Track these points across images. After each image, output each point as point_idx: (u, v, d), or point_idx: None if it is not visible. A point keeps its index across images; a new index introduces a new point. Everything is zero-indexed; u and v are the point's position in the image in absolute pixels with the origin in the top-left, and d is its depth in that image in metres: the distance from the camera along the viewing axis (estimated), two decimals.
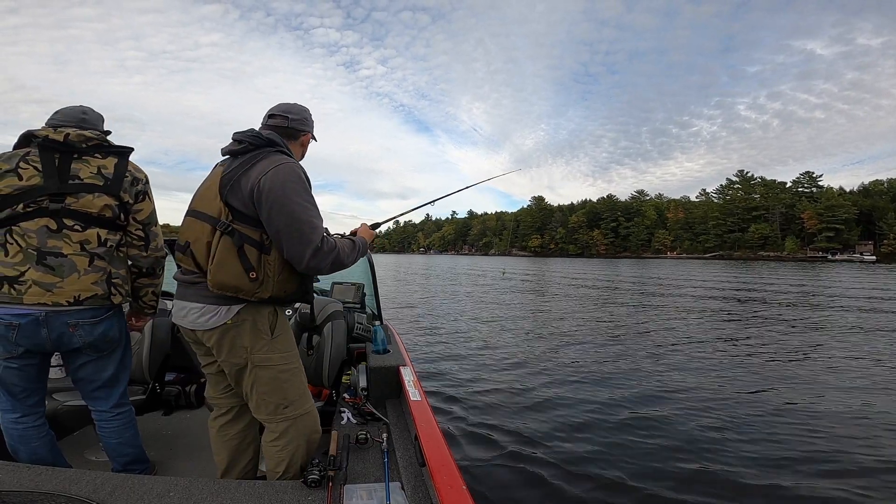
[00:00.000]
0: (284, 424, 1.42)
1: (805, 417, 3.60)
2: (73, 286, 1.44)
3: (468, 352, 6.06)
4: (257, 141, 1.35)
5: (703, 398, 4.08)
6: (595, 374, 4.97)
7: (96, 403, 1.65)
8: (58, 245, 1.43)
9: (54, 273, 1.42)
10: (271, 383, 1.39)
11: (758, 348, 6.40)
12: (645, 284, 19.21)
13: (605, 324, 8.62)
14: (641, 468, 2.78)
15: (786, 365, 5.43)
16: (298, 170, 1.34)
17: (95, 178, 1.51)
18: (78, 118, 1.57)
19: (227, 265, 1.26)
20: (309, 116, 1.58)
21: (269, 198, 1.26)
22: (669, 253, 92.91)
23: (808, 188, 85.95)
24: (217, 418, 1.58)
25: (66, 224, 1.44)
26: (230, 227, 1.27)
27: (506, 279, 22.51)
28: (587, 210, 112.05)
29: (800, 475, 2.69)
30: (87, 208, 1.49)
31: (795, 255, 74.96)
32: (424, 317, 9.42)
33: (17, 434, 1.51)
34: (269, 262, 1.31)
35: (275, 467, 1.43)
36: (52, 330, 1.44)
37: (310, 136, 1.60)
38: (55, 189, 1.43)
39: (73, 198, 1.46)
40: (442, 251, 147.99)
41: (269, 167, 1.29)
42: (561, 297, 13.89)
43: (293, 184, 1.29)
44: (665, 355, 5.88)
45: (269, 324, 1.39)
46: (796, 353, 6.05)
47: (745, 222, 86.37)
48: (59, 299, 1.42)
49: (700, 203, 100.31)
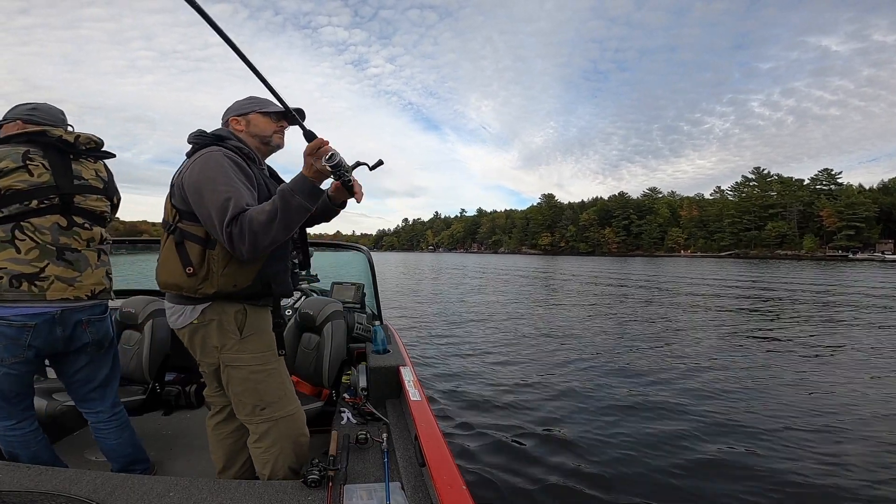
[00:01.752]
0: (264, 426, 1.39)
1: (843, 431, 3.41)
2: (90, 280, 1.50)
3: (469, 352, 6.04)
4: (201, 140, 1.33)
5: (713, 406, 4.00)
6: (598, 374, 4.91)
7: (93, 405, 1.66)
8: (70, 242, 1.47)
9: (73, 268, 1.46)
10: (243, 384, 1.36)
11: (787, 349, 6.24)
12: (658, 283, 18.91)
13: (612, 323, 8.52)
14: (642, 468, 2.75)
15: (817, 370, 5.26)
16: (218, 156, 1.25)
17: (96, 180, 1.59)
18: (59, 118, 1.58)
19: (167, 263, 1.28)
20: (237, 104, 1.45)
21: (189, 190, 1.24)
22: (683, 251, 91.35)
23: (826, 185, 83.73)
24: (212, 417, 1.59)
25: (76, 222, 1.50)
26: (174, 227, 1.29)
27: (511, 277, 22.39)
28: (598, 208, 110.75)
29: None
30: (93, 207, 1.56)
31: (814, 253, 73.07)
32: (425, 316, 9.41)
33: (17, 440, 1.52)
34: (213, 257, 1.26)
35: (261, 469, 1.42)
36: (67, 327, 1.46)
37: (256, 114, 1.42)
38: (68, 188, 1.47)
39: (82, 197, 1.52)
40: (451, 249, 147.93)
41: (192, 161, 1.28)
42: (567, 296, 13.77)
43: (209, 170, 1.21)
44: (671, 356, 5.79)
45: (238, 323, 1.34)
46: (828, 357, 5.85)
47: (762, 220, 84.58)
48: (80, 293, 1.47)
49: (715, 201, 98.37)
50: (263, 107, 1.43)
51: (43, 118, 1.53)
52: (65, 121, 1.60)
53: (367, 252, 3.14)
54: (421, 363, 5.28)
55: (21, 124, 1.50)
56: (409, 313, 9.86)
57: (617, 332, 7.63)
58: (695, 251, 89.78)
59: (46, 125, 1.51)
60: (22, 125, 1.50)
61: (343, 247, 3.23)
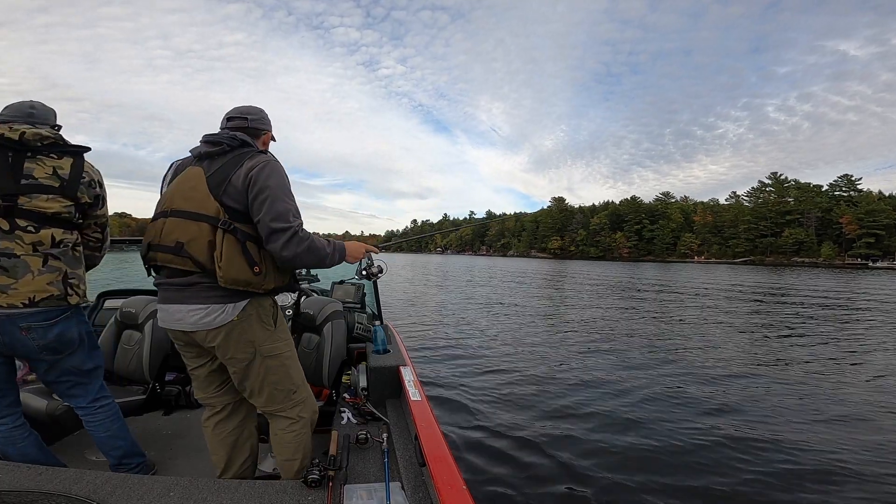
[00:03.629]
0: (297, 409, 1.50)
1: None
2: (28, 287, 1.40)
3: (469, 351, 6.02)
4: (234, 142, 1.40)
5: (713, 405, 3.91)
6: (600, 374, 4.86)
7: (76, 401, 1.65)
8: (10, 246, 1.38)
9: (8, 275, 1.37)
10: (280, 371, 1.45)
11: (810, 358, 6.08)
12: (673, 287, 18.61)
13: (618, 324, 8.43)
14: (644, 469, 2.72)
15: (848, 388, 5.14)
16: (282, 169, 1.41)
17: (51, 178, 1.46)
18: (25, 113, 1.51)
19: (234, 262, 1.29)
20: (266, 116, 1.58)
21: (258, 191, 1.31)
22: (697, 258, 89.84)
23: (845, 191, 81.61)
24: (211, 417, 1.58)
25: (18, 225, 1.39)
26: (232, 225, 1.30)
27: (516, 280, 22.25)
28: (610, 212, 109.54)
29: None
30: (41, 208, 1.43)
31: (833, 261, 71.24)
32: (425, 316, 9.40)
33: (2, 437, 1.50)
34: (267, 257, 1.37)
35: (292, 455, 1.47)
36: (5, 334, 1.40)
37: (270, 135, 1.60)
38: (10, 189, 1.38)
39: (27, 198, 1.41)
40: (459, 251, 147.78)
41: (258, 164, 1.35)
42: (573, 299, 13.64)
43: (280, 178, 1.36)
44: (679, 360, 5.67)
45: (272, 315, 1.46)
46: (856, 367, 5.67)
47: (779, 226, 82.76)
48: (14, 301, 1.38)
49: (730, 206, 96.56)
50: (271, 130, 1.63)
51: (5, 115, 1.47)
52: (33, 115, 1.51)
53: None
54: (421, 363, 5.27)
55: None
56: (410, 313, 9.85)
57: (623, 333, 7.54)
58: (709, 257, 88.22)
59: (6, 122, 1.44)
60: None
61: None
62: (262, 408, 1.48)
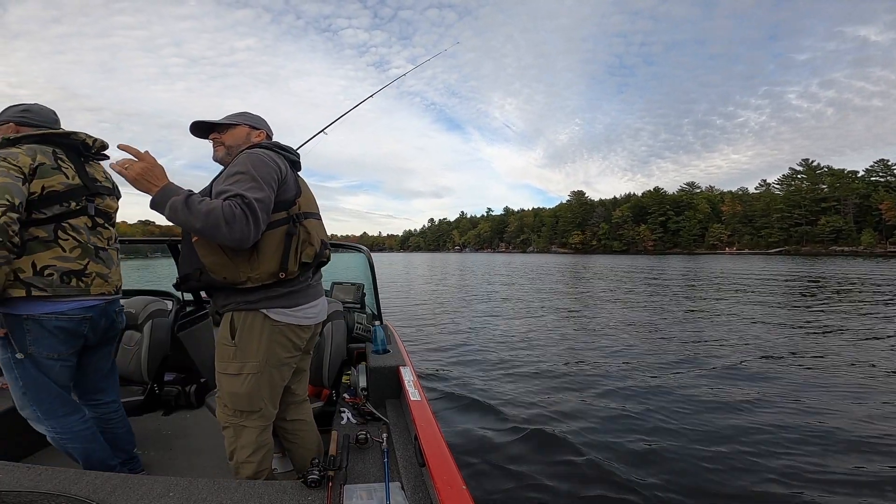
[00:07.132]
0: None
1: None
2: (115, 276, 1.62)
3: (469, 351, 5.94)
4: None
5: (716, 404, 3.72)
6: (602, 375, 4.72)
7: (106, 395, 1.73)
8: (97, 241, 1.55)
9: (105, 265, 1.56)
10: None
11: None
12: (708, 280, 17.97)
13: (625, 323, 8.12)
14: (646, 470, 2.64)
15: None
16: None
17: (107, 181, 1.65)
18: (52, 119, 1.58)
19: None
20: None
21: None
22: (728, 249, 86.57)
23: (882, 177, 77.02)
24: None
25: (98, 222, 1.57)
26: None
27: (523, 276, 21.95)
28: (632, 204, 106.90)
29: None
30: (108, 208, 1.63)
31: (874, 249, 67.34)
32: (425, 316, 9.32)
33: (91, 434, 1.55)
34: None
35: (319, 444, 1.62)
36: (108, 318, 1.60)
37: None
38: (94, 190, 1.55)
39: (100, 198, 1.58)
40: (478, 249, 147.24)
41: None
42: (582, 296, 13.25)
43: None
44: (691, 361, 5.43)
45: None
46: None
47: (814, 214, 78.98)
48: (111, 288, 1.59)
49: (760, 195, 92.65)
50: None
51: (35, 119, 1.53)
52: (57, 121, 1.60)
53: (367, 252, 3.13)
54: (421, 363, 5.24)
55: (14, 126, 1.49)
56: (410, 313, 9.82)
57: (636, 331, 7.29)
58: (741, 248, 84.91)
59: (41, 126, 1.52)
60: (15, 127, 1.49)
61: (343, 247, 3.24)
62: (302, 393, 1.60)
